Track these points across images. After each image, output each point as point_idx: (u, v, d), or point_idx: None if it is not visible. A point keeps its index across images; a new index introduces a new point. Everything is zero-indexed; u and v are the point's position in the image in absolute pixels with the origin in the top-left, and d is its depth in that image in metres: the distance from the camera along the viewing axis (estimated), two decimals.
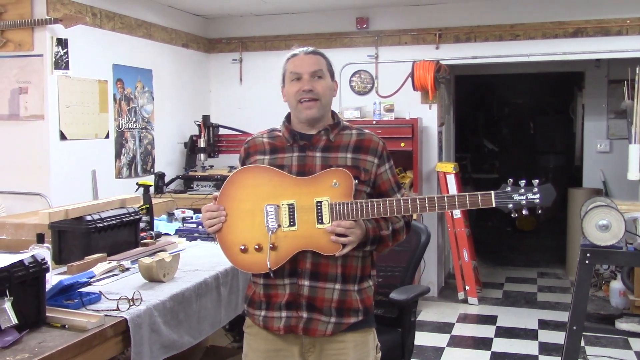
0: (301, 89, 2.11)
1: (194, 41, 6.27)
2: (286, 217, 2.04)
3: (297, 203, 2.03)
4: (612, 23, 5.44)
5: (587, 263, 3.12)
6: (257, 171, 2.11)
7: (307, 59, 2.14)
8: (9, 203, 4.30)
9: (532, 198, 1.98)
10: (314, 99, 2.11)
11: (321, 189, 2.03)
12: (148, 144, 5.54)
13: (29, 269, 1.98)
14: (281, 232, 2.04)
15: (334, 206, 2.01)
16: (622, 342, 4.69)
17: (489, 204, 1.98)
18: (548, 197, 1.98)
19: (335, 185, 2.02)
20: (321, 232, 2.01)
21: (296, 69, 2.13)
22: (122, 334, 2.13)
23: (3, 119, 4.43)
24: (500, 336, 5.02)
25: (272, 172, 2.09)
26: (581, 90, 7.75)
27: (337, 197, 2.02)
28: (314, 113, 2.12)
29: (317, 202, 2.02)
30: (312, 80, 2.12)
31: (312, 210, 2.02)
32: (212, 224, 2.09)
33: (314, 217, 2.02)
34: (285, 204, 2.04)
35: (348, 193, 2.02)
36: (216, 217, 2.08)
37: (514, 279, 6.80)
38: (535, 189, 1.98)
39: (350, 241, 2.00)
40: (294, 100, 2.14)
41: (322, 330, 2.09)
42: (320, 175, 2.05)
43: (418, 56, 5.80)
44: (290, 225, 2.03)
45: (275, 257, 2.04)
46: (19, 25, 4.29)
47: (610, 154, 6.81)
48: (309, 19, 6.19)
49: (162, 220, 3.88)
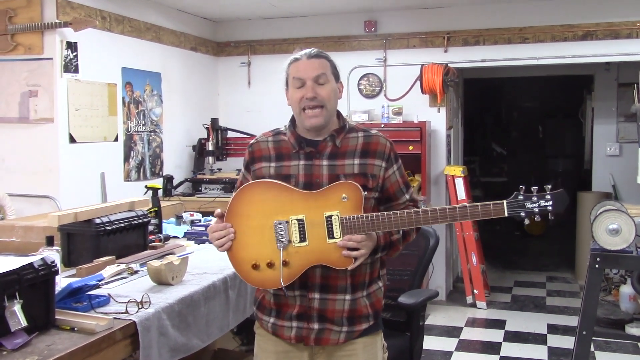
0: (305, 97, 2.06)
1: (203, 44, 6.29)
2: (296, 233, 2.01)
3: (307, 218, 2.00)
4: (622, 26, 5.41)
5: (597, 267, 3.10)
6: (264, 187, 2.07)
7: (310, 64, 2.09)
8: (19, 206, 4.32)
9: (544, 205, 1.93)
10: (319, 105, 2.07)
11: (330, 203, 1.99)
12: (157, 147, 5.55)
13: (38, 272, 1.98)
14: (292, 247, 2.01)
15: (345, 220, 1.97)
16: (632, 347, 4.66)
17: (502, 214, 1.94)
18: (561, 204, 1.93)
19: (345, 199, 1.98)
20: (332, 247, 1.99)
21: (299, 75, 2.09)
22: (131, 336, 2.12)
23: (13, 122, 4.45)
24: (508, 340, 4.99)
25: (279, 188, 2.05)
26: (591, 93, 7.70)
27: (346, 211, 1.98)
28: (319, 121, 2.08)
29: (327, 217, 1.99)
30: (316, 86, 2.07)
31: (323, 225, 1.99)
32: (221, 244, 2.06)
33: (324, 232, 1.99)
34: (294, 220, 2.01)
35: (358, 206, 1.99)
36: (225, 236, 2.05)
37: (522, 283, 6.77)
38: (547, 195, 1.94)
39: (363, 254, 1.98)
40: (297, 107, 2.09)
41: (335, 339, 2.08)
42: (329, 189, 2.01)
43: (426, 59, 5.80)
44: (301, 241, 2.01)
45: (288, 273, 2.02)
46: (29, 28, 4.32)
47: (620, 157, 6.77)
48: (317, 22, 6.19)
49: (170, 223, 3.89)
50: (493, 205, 1.95)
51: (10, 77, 4.43)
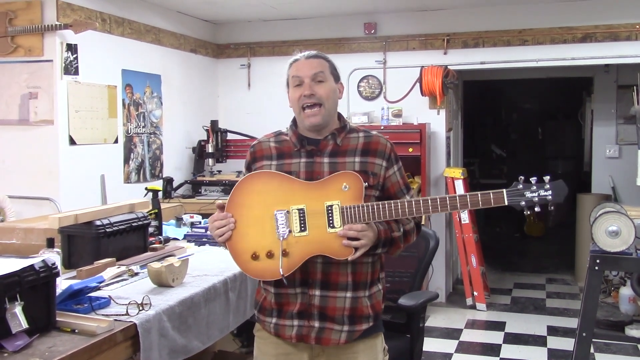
0: (302, 94, 2.09)
1: (203, 46, 6.29)
2: (297, 223, 2.01)
3: (308, 208, 2.01)
4: (621, 28, 5.42)
5: (597, 269, 3.11)
6: (265, 177, 2.08)
7: (308, 63, 2.11)
8: (19, 208, 4.32)
9: (544, 195, 1.95)
10: (317, 103, 2.08)
11: (331, 192, 2.00)
12: (156, 148, 5.55)
13: (39, 274, 1.99)
14: (292, 237, 2.01)
15: (345, 210, 1.98)
16: (632, 349, 4.66)
17: (501, 202, 1.95)
18: (560, 194, 1.95)
19: (345, 188, 2.00)
20: (333, 237, 1.99)
21: (297, 73, 2.11)
22: (132, 338, 2.13)
23: (13, 124, 4.45)
24: (508, 342, 4.99)
25: (280, 177, 2.06)
26: (590, 95, 7.72)
27: (347, 201, 1.99)
28: (318, 120, 2.09)
29: (327, 206, 2.00)
30: (314, 84, 2.09)
31: (323, 214, 2.00)
32: (221, 233, 2.06)
33: (325, 222, 2.00)
34: (295, 209, 2.02)
35: (358, 196, 2.00)
36: (225, 226, 2.05)
37: (522, 285, 6.77)
38: (547, 185, 1.95)
39: (363, 244, 1.98)
40: (297, 106, 2.11)
41: (336, 340, 2.08)
42: (330, 178, 2.03)
43: (426, 61, 5.80)
44: (302, 231, 2.01)
45: (288, 263, 2.02)
46: (29, 30, 4.32)
47: (619, 159, 6.77)
48: (317, 24, 6.20)
49: (170, 225, 3.89)
50: (493, 193, 1.95)
51: (10, 79, 4.43)
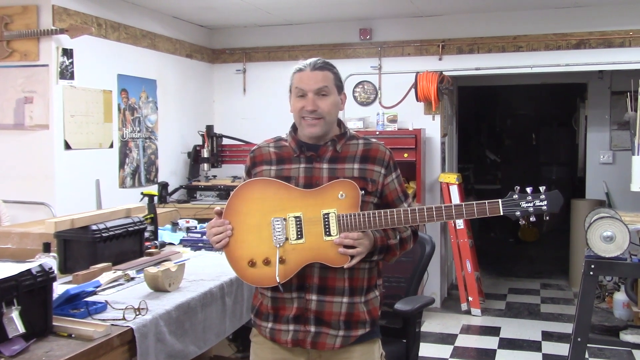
0: (305, 108, 2.09)
1: (198, 52, 6.30)
2: (293, 230, 2.02)
3: (304, 215, 2.02)
4: (615, 35, 5.46)
5: (592, 274, 3.12)
6: (263, 184, 2.09)
7: (313, 76, 2.11)
8: (14, 212, 4.31)
9: (539, 205, 1.97)
10: (318, 117, 2.10)
11: (328, 200, 2.02)
12: (152, 153, 5.55)
13: (36, 278, 1.99)
14: (289, 245, 2.02)
15: (342, 218, 2.00)
16: (626, 354, 4.67)
17: (497, 212, 1.97)
18: (555, 204, 1.97)
19: (342, 196, 2.01)
20: (329, 245, 2.00)
21: (301, 85, 2.11)
22: (128, 343, 2.13)
23: (8, 129, 4.45)
24: (503, 347, 5.00)
25: (277, 185, 2.07)
26: (584, 101, 7.76)
27: (344, 209, 2.00)
28: (316, 131, 2.11)
29: (324, 214, 2.01)
30: (317, 98, 2.10)
31: (320, 222, 2.01)
32: (218, 240, 2.06)
33: (321, 230, 2.01)
34: (292, 217, 2.03)
35: (355, 204, 2.01)
36: (222, 232, 2.06)
37: (517, 290, 6.79)
38: (542, 195, 1.97)
39: (359, 252, 1.99)
40: (297, 116, 2.13)
41: (331, 344, 2.09)
42: (327, 187, 2.04)
43: (421, 67, 5.83)
44: (298, 238, 2.02)
45: (284, 270, 2.03)
46: (25, 35, 4.32)
47: (613, 165, 6.81)
48: (313, 29, 6.21)
49: (166, 230, 3.89)
50: (489, 204, 1.97)
51: (6, 84, 4.43)
